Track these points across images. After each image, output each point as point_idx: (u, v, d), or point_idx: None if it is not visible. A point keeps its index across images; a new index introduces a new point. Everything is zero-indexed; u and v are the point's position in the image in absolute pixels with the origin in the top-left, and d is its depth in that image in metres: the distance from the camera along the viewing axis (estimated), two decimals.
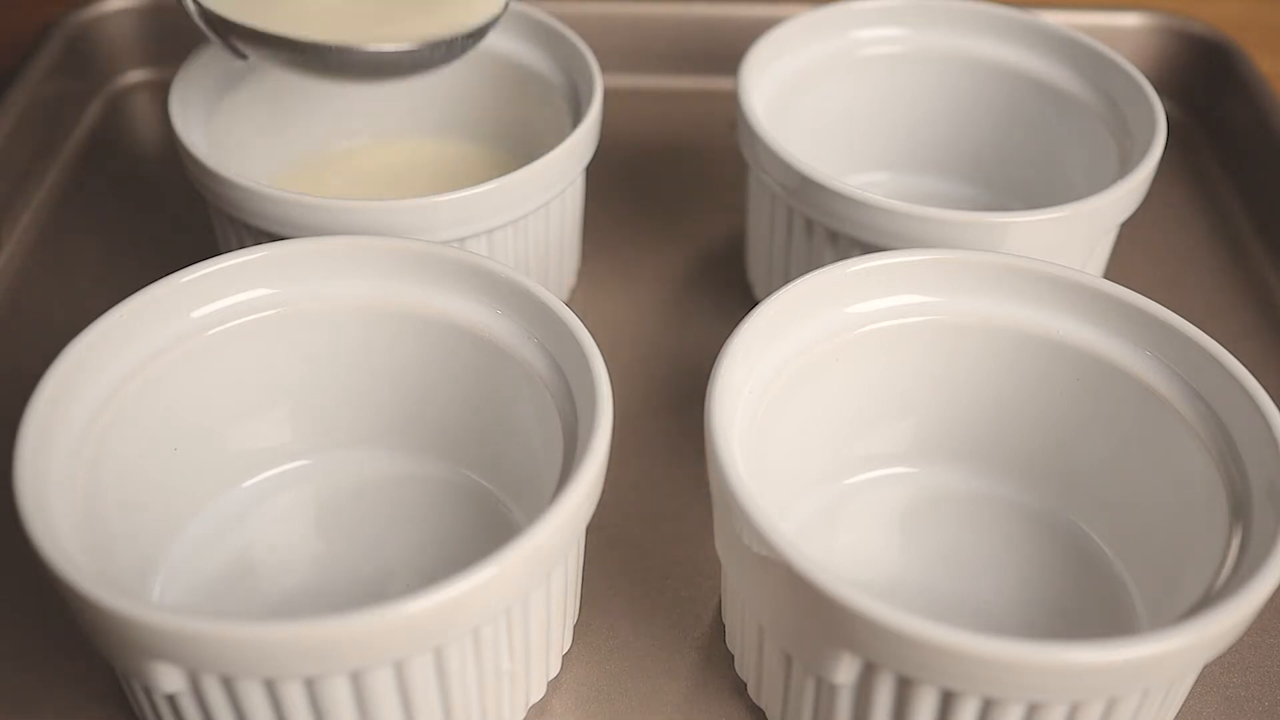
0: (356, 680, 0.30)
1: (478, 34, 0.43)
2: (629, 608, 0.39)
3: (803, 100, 0.50)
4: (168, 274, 0.36)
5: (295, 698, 0.30)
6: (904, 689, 0.30)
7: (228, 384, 0.38)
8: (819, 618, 0.30)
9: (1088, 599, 0.37)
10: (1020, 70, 0.50)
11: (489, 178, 0.42)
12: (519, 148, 0.51)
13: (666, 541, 0.41)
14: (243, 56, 0.43)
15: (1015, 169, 0.52)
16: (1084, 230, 0.42)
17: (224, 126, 0.47)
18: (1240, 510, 0.33)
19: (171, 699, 0.31)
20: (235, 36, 0.42)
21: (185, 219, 0.53)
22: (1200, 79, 0.62)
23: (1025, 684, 0.28)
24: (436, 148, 0.49)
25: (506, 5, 0.44)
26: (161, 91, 0.61)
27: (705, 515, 0.39)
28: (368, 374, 0.39)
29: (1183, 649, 0.28)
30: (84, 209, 0.54)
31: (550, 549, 0.31)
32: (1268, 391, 0.34)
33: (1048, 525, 0.39)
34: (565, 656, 0.37)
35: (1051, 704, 0.29)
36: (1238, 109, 0.59)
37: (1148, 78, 0.52)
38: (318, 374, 0.39)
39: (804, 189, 0.43)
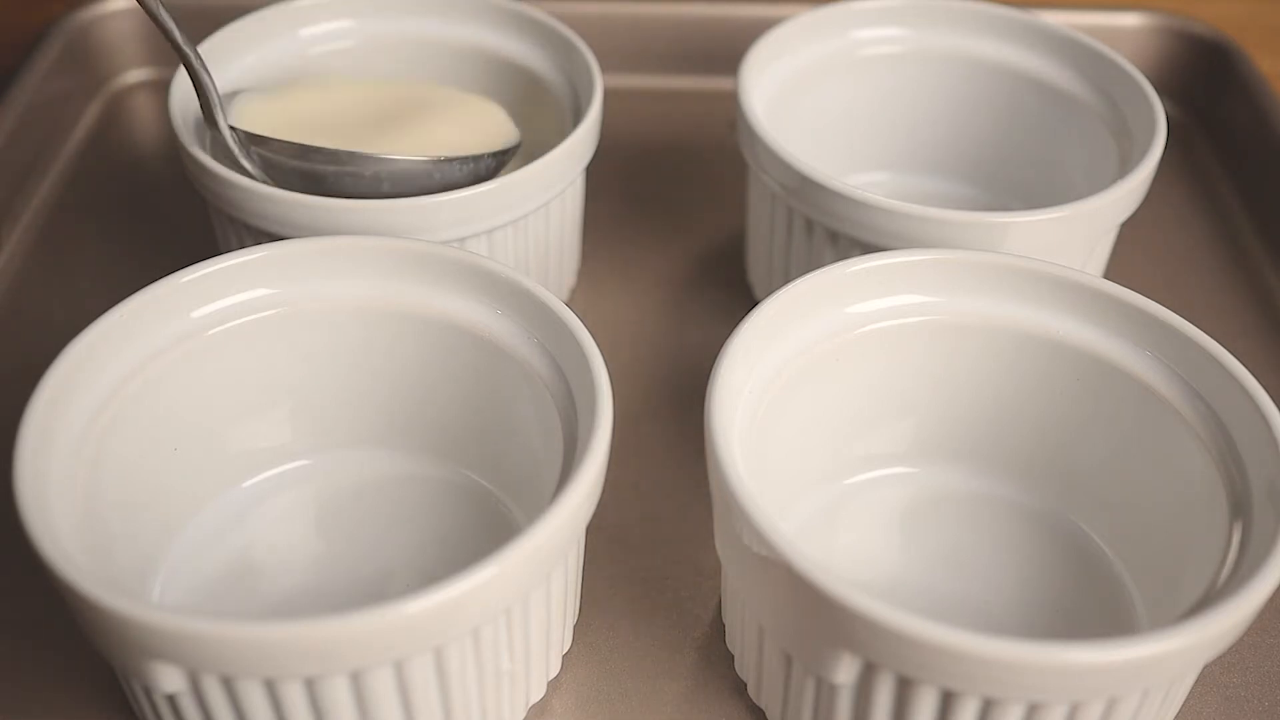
0: (356, 680, 0.30)
1: (501, 156, 0.44)
2: (629, 608, 0.39)
3: (803, 100, 0.50)
4: (168, 274, 0.36)
5: (295, 698, 0.30)
6: (904, 689, 0.30)
7: (228, 384, 0.38)
8: (819, 618, 0.30)
9: (1088, 599, 0.37)
10: (1020, 70, 0.50)
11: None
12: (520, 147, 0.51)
13: (666, 541, 0.41)
14: (268, 182, 0.44)
15: (1015, 169, 0.52)
16: (1084, 230, 0.42)
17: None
18: (1240, 510, 0.33)
19: (171, 699, 0.31)
20: (268, 152, 0.43)
21: (185, 219, 0.53)
22: (1200, 79, 0.62)
23: (1025, 684, 0.28)
24: None
25: (520, 141, 0.46)
26: (161, 91, 0.61)
27: (705, 515, 0.39)
28: (368, 374, 0.39)
29: (1183, 649, 0.28)
30: (84, 209, 0.54)
31: (550, 549, 0.31)
32: (1268, 391, 0.34)
33: (1048, 525, 0.39)
34: (565, 656, 0.37)
35: (1051, 704, 0.29)
36: (1238, 109, 0.59)
37: (1148, 78, 0.52)
38: (318, 374, 0.39)
39: (804, 189, 0.43)
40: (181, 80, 0.46)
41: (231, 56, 0.48)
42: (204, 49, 0.47)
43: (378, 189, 0.43)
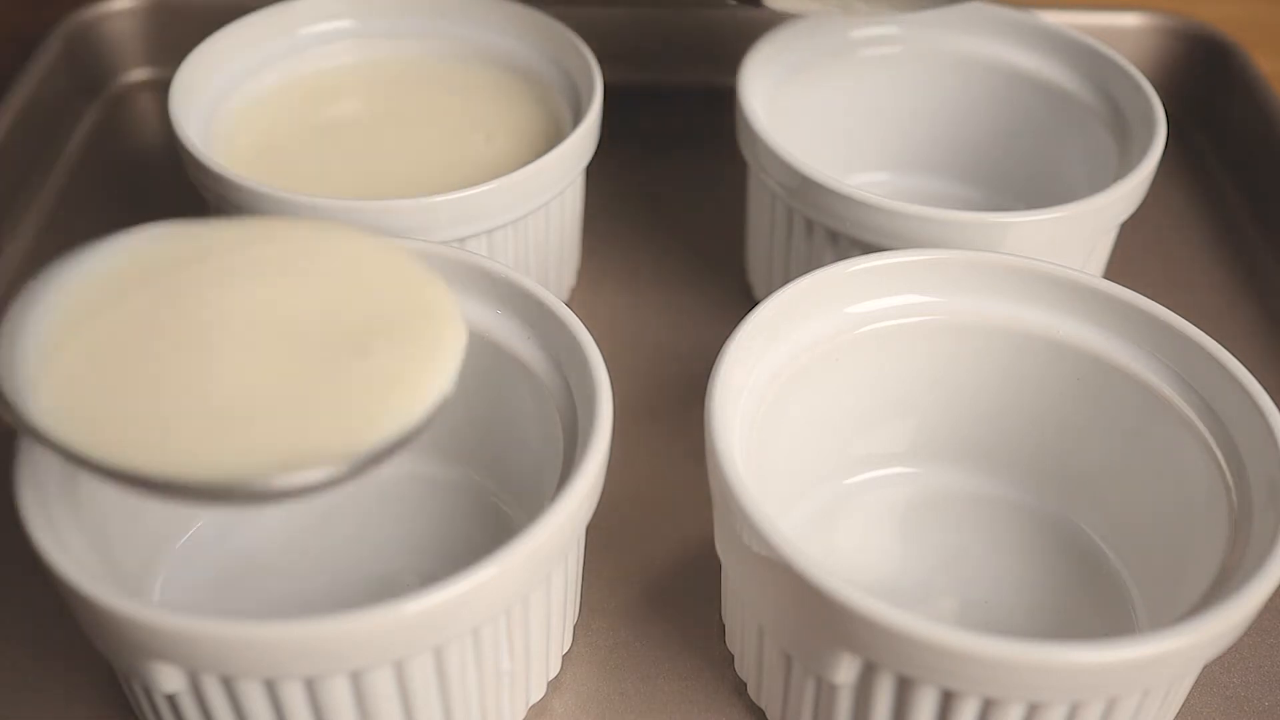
0: (356, 680, 0.30)
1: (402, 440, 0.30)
2: (629, 608, 0.39)
3: (803, 100, 0.50)
4: None
5: (295, 698, 0.30)
6: (904, 689, 0.30)
7: None
8: (819, 618, 0.30)
9: (1088, 599, 0.37)
10: (1020, 70, 0.50)
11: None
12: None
13: (666, 541, 0.41)
14: None
15: (1015, 169, 0.52)
16: (1084, 230, 0.42)
17: (224, 126, 0.47)
18: (1240, 510, 0.33)
19: (171, 699, 0.31)
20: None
21: (185, 219, 0.53)
22: (1200, 79, 0.62)
23: (1025, 684, 0.28)
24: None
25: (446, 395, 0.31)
26: (161, 91, 0.61)
27: (705, 515, 0.39)
28: None
29: (1183, 649, 0.28)
30: (84, 209, 0.54)
31: (550, 549, 0.31)
32: (1268, 391, 0.34)
33: (1048, 525, 0.39)
34: (565, 656, 0.37)
35: (1051, 704, 0.29)
36: (1238, 109, 0.59)
37: (1148, 78, 0.52)
38: None
39: (804, 189, 0.43)
40: (181, 80, 0.46)
41: (231, 56, 0.48)
42: (204, 49, 0.47)
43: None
